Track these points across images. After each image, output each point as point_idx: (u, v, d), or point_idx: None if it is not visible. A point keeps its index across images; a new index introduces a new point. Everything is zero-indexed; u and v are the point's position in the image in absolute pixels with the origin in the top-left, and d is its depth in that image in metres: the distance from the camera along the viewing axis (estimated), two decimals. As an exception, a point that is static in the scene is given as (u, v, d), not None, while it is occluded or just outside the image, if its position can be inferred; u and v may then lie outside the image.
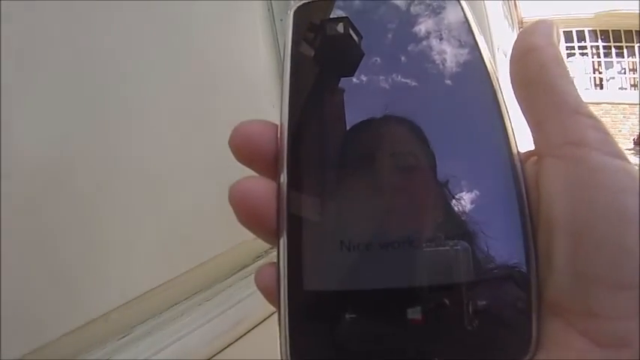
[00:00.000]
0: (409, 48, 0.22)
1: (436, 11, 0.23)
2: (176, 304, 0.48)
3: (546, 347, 0.19)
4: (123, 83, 0.44)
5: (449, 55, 0.22)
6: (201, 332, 0.46)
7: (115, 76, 0.44)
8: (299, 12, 0.24)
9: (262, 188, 0.21)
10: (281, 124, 0.21)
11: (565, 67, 0.21)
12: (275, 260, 0.20)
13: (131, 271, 0.44)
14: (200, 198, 0.50)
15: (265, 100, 0.58)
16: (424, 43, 0.22)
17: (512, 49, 0.22)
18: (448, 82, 0.22)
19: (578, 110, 0.20)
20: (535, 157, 0.21)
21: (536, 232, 0.20)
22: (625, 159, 0.19)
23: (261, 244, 0.58)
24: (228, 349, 0.47)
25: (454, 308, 0.18)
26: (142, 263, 0.45)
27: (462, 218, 0.19)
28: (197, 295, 0.50)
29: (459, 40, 0.23)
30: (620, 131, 8.38)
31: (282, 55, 0.23)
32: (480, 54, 0.22)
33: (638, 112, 8.05)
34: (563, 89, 0.20)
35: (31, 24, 0.38)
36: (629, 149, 7.99)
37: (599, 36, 8.37)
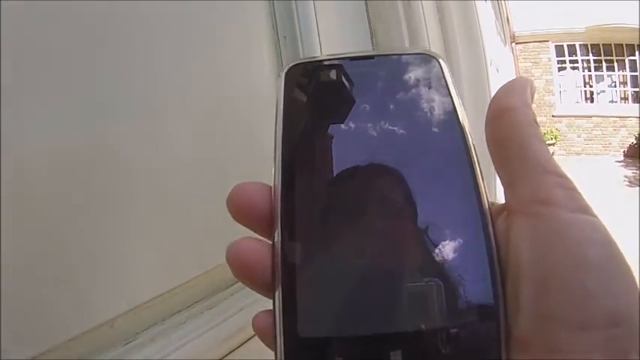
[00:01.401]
0: (391, 108, 0.24)
1: (416, 70, 0.25)
2: (179, 312, 0.48)
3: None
4: (137, 94, 0.45)
5: (426, 114, 0.24)
6: (204, 339, 0.47)
7: (130, 87, 0.45)
8: (290, 73, 0.26)
9: (254, 249, 0.23)
10: (274, 186, 0.23)
11: (537, 128, 0.23)
12: (270, 308, 0.22)
13: (137, 277, 0.45)
14: (205, 208, 0.51)
15: (271, 113, 0.60)
16: (404, 102, 0.25)
17: (488, 109, 0.24)
18: (425, 140, 0.24)
19: (547, 169, 0.21)
20: (505, 212, 0.23)
21: (505, 278, 0.21)
22: (589, 213, 0.21)
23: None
24: (230, 355, 0.48)
25: (431, 349, 0.20)
26: (148, 270, 0.46)
27: (440, 268, 0.21)
28: (200, 303, 0.50)
29: (437, 98, 0.24)
30: (610, 144, 8.46)
31: (275, 116, 0.25)
32: (456, 112, 0.24)
33: (627, 125, 8.13)
34: (534, 149, 0.22)
35: (51, 30, 0.39)
36: (620, 161, 8.06)
37: (590, 50, 8.46)
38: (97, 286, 0.42)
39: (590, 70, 8.58)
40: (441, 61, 0.26)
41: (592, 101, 8.70)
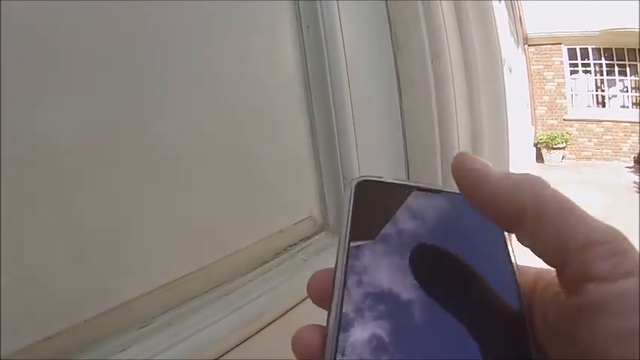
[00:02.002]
0: (449, 243, 0.26)
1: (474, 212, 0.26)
2: (197, 297, 0.48)
3: None
4: (161, 82, 0.45)
5: (481, 253, 0.26)
6: (221, 325, 0.46)
7: (160, 76, 0.45)
8: (359, 187, 0.27)
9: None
10: (334, 300, 0.23)
11: (568, 200, 0.22)
12: None
13: (156, 260, 0.44)
14: (227, 193, 0.51)
15: (293, 101, 0.60)
16: (460, 239, 0.27)
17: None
18: (479, 277, 0.25)
19: (590, 242, 0.21)
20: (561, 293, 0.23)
21: None
22: (635, 273, 0.20)
23: (281, 242, 0.59)
24: (246, 342, 0.48)
25: None
26: (167, 253, 0.45)
27: None
28: (218, 289, 0.50)
29: (493, 241, 0.27)
30: (620, 149, 8.41)
31: (341, 232, 0.26)
32: (509, 257, 0.26)
33: (638, 131, 8.08)
34: (573, 226, 0.22)
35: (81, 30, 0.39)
36: (630, 167, 8.01)
37: (602, 54, 8.41)
38: (115, 268, 0.41)
39: (602, 74, 8.53)
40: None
41: (603, 106, 8.66)
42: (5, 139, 0.34)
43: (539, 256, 0.23)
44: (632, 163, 8.16)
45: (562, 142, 8.57)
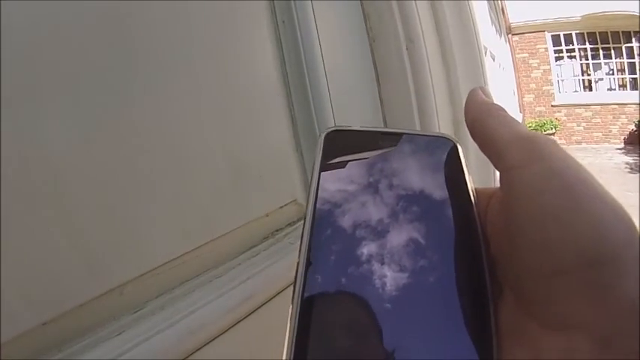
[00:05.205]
0: (413, 182, 0.28)
1: (437, 150, 0.29)
2: (188, 280, 0.49)
3: (506, 337, 0.22)
4: (155, 74, 0.47)
5: (443, 189, 0.27)
6: (212, 308, 0.47)
7: (148, 69, 0.46)
8: (329, 137, 0.29)
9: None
10: (301, 245, 0.24)
11: (497, 113, 0.26)
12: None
13: (147, 242, 0.45)
14: (212, 179, 0.52)
15: (273, 92, 0.62)
16: (424, 176, 0.28)
17: (467, 127, 0.28)
18: (441, 213, 0.26)
19: (509, 140, 0.24)
20: None
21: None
22: (551, 160, 0.22)
23: (269, 225, 0.60)
24: (238, 325, 0.49)
25: None
26: (158, 236, 0.46)
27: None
28: (208, 272, 0.51)
29: (453, 177, 0.28)
30: (610, 132, 8.47)
31: (311, 182, 0.27)
32: (468, 191, 0.27)
33: (627, 112, 8.13)
34: (494, 134, 0.25)
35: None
36: (620, 149, 8.06)
37: (586, 38, 8.47)
38: (108, 251, 0.42)
39: (587, 59, 8.59)
40: (458, 145, 0.30)
41: (591, 90, 8.71)
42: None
43: (485, 155, 0.25)
44: (622, 145, 8.22)
45: (551, 128, 8.62)
